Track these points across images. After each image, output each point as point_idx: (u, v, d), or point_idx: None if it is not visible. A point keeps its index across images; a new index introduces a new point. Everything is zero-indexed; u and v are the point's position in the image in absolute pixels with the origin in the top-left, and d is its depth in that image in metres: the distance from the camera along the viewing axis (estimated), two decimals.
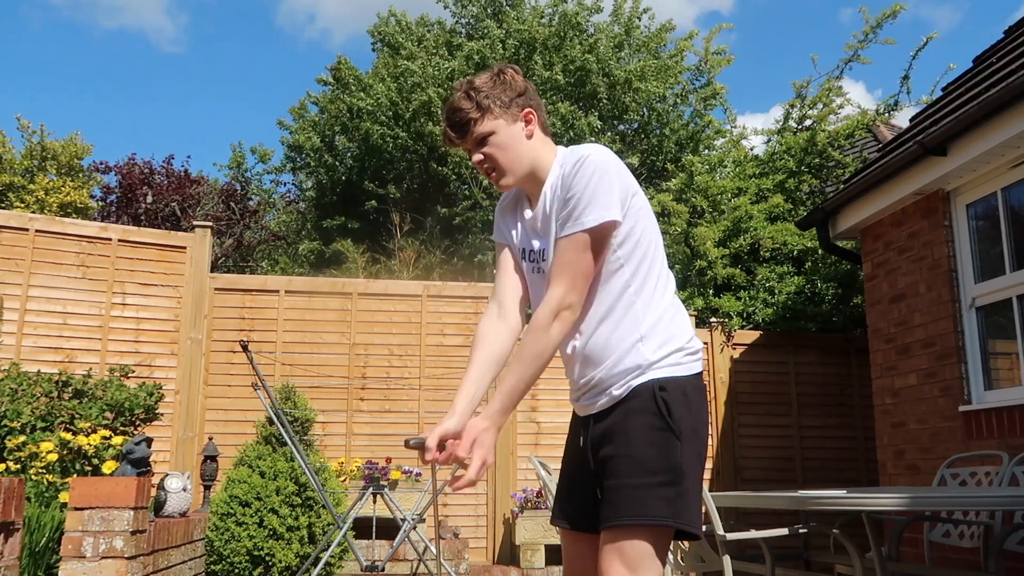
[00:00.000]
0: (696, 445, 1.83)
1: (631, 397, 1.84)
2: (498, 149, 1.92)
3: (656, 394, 1.81)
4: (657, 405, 1.80)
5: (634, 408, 1.83)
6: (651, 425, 1.79)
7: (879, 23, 9.76)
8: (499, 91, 1.92)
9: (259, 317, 7.00)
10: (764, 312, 8.37)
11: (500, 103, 1.92)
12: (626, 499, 1.76)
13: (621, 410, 1.85)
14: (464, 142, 1.95)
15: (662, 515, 1.74)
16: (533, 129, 1.95)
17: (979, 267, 5.18)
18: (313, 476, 5.29)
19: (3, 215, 6.49)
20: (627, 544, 1.74)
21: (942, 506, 3.40)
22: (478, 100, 1.90)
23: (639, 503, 1.75)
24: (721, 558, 3.32)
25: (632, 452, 1.79)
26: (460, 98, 1.93)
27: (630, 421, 1.82)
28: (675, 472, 1.77)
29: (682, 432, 1.80)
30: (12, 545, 2.98)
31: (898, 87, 10.44)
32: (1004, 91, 4.51)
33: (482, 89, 1.92)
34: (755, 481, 7.48)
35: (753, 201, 9.29)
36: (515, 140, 1.93)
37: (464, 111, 1.91)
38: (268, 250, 14.08)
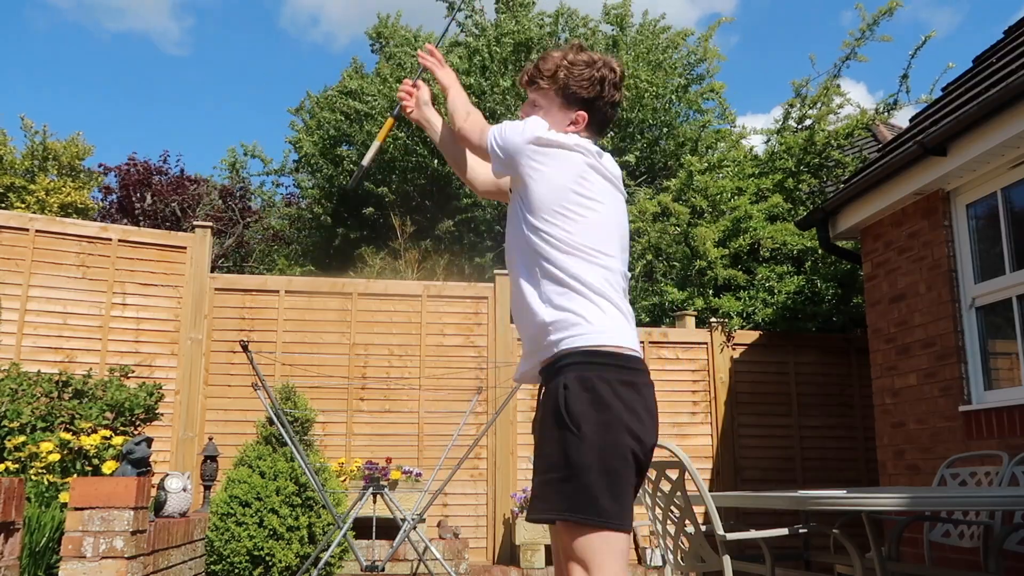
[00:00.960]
0: (593, 437, 1.82)
1: (546, 391, 1.95)
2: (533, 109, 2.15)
3: (559, 391, 1.87)
4: (558, 402, 1.86)
5: (545, 404, 1.93)
6: (551, 422, 1.87)
7: (876, 20, 9.77)
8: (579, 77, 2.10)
9: (259, 317, 7.00)
10: (764, 312, 8.37)
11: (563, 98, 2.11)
12: (535, 495, 1.89)
13: (540, 404, 1.98)
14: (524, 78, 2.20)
15: (557, 508, 1.82)
16: (576, 130, 2.12)
17: (979, 267, 5.18)
18: (313, 476, 5.29)
19: (3, 215, 6.50)
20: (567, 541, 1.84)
21: (942, 506, 3.40)
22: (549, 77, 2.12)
23: (541, 498, 1.86)
24: (721, 558, 3.32)
25: (539, 450, 1.91)
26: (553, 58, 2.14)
27: (541, 421, 1.93)
28: (572, 467, 1.81)
29: (581, 427, 1.82)
30: (12, 545, 2.99)
31: (897, 87, 10.43)
32: (1004, 91, 4.51)
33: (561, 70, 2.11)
34: (755, 481, 7.48)
35: (753, 201, 9.29)
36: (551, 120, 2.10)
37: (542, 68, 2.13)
38: (268, 250, 14.09)
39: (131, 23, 32.60)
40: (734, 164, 10.25)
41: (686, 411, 7.54)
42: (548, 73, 2.10)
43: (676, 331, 7.79)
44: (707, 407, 7.61)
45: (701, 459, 7.42)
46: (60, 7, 30.75)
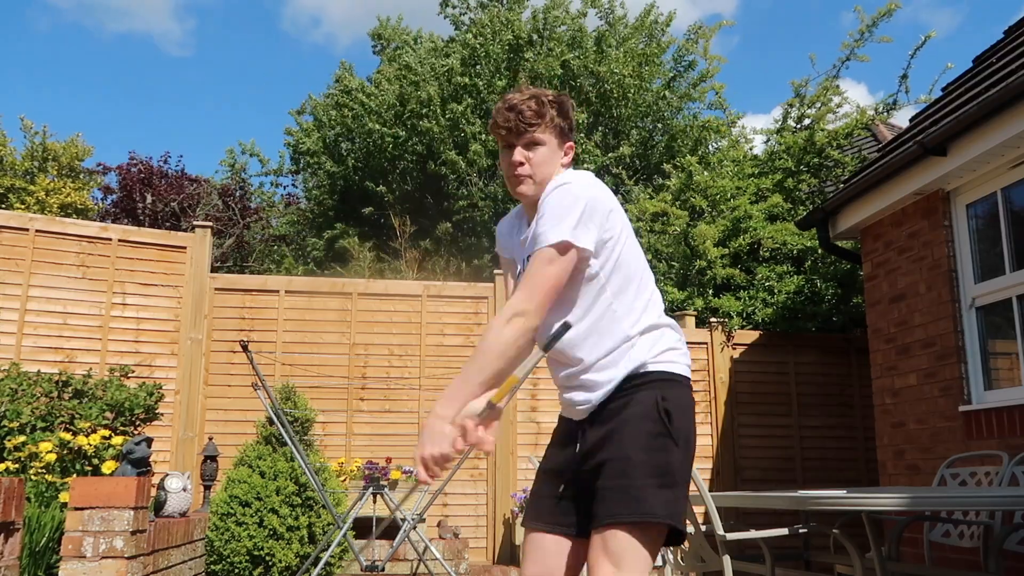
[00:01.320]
0: (689, 453, 1.94)
1: (631, 403, 1.92)
2: (539, 160, 2.01)
3: (658, 403, 1.90)
4: (659, 412, 1.89)
5: (635, 414, 1.90)
6: (651, 431, 1.88)
7: (875, 21, 9.77)
8: (562, 115, 2.04)
9: (259, 317, 7.00)
10: (764, 312, 8.37)
11: (559, 127, 2.04)
12: (626, 497, 1.83)
13: (621, 415, 1.92)
14: (511, 136, 2.01)
15: (660, 513, 1.82)
16: (568, 162, 2.08)
17: (979, 267, 5.18)
18: (313, 476, 5.29)
19: (3, 215, 6.49)
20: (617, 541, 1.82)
21: (942, 506, 3.40)
22: (548, 112, 2.01)
23: (637, 501, 1.82)
24: (721, 558, 3.32)
25: (633, 455, 1.86)
26: (531, 100, 2.01)
27: (632, 427, 1.89)
28: (672, 475, 1.86)
29: (680, 438, 1.90)
30: (12, 545, 2.99)
31: (897, 87, 10.43)
32: (1004, 91, 4.51)
33: (555, 104, 2.03)
34: (755, 481, 7.48)
35: (752, 201, 9.28)
36: (553, 160, 2.04)
37: (534, 112, 2.00)
38: (268, 250, 14.09)
39: (133, 24, 32.61)
40: (734, 164, 10.25)
41: None
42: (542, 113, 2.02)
43: None
44: (707, 407, 7.61)
45: (701, 459, 7.42)
46: (61, 7, 30.76)
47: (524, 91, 2.05)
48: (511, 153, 2.02)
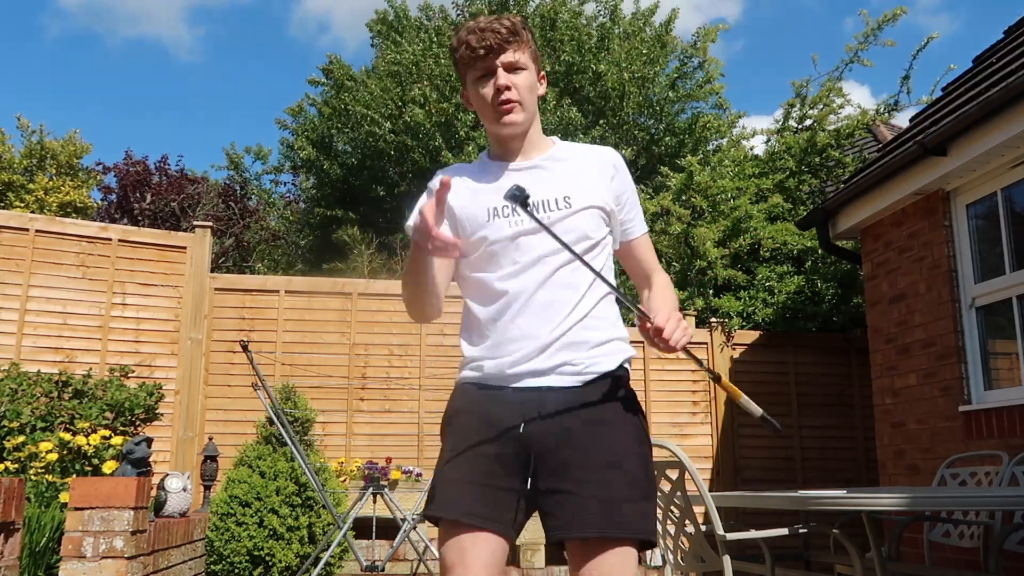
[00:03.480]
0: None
1: (611, 399, 1.75)
2: (524, 85, 1.83)
3: (636, 405, 1.79)
4: (639, 419, 1.78)
5: (613, 417, 1.74)
6: (632, 437, 1.74)
7: (880, 25, 9.78)
8: (533, 40, 1.90)
9: (259, 317, 7.00)
10: (764, 312, 8.37)
11: (534, 52, 1.88)
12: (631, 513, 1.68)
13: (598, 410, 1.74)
14: (491, 57, 1.80)
15: (653, 532, 1.71)
16: (543, 92, 1.93)
17: (979, 267, 5.18)
18: (313, 476, 5.29)
19: (3, 215, 6.50)
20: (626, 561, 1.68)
21: (942, 506, 3.40)
22: (523, 34, 1.84)
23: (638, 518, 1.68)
24: (721, 558, 3.32)
25: (625, 464, 1.71)
26: (503, 20, 1.83)
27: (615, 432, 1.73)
28: (654, 484, 1.78)
29: (651, 447, 1.81)
30: (12, 545, 2.99)
31: (898, 87, 10.43)
32: (1004, 91, 4.51)
33: (526, 29, 1.86)
34: (755, 481, 7.48)
35: (753, 201, 9.28)
36: (533, 87, 1.87)
37: (509, 30, 1.81)
38: (268, 250, 14.09)
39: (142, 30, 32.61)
40: (734, 164, 10.25)
41: (686, 411, 7.54)
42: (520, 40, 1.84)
43: None
44: (707, 407, 7.61)
45: (701, 459, 7.42)
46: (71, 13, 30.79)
47: (502, 16, 1.86)
48: (491, 80, 1.81)
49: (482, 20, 1.83)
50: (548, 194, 1.82)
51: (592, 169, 1.88)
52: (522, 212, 1.75)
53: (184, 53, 33.93)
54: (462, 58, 1.84)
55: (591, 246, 1.82)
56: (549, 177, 1.85)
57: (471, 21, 1.87)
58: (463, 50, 1.82)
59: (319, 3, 30.91)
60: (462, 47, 1.82)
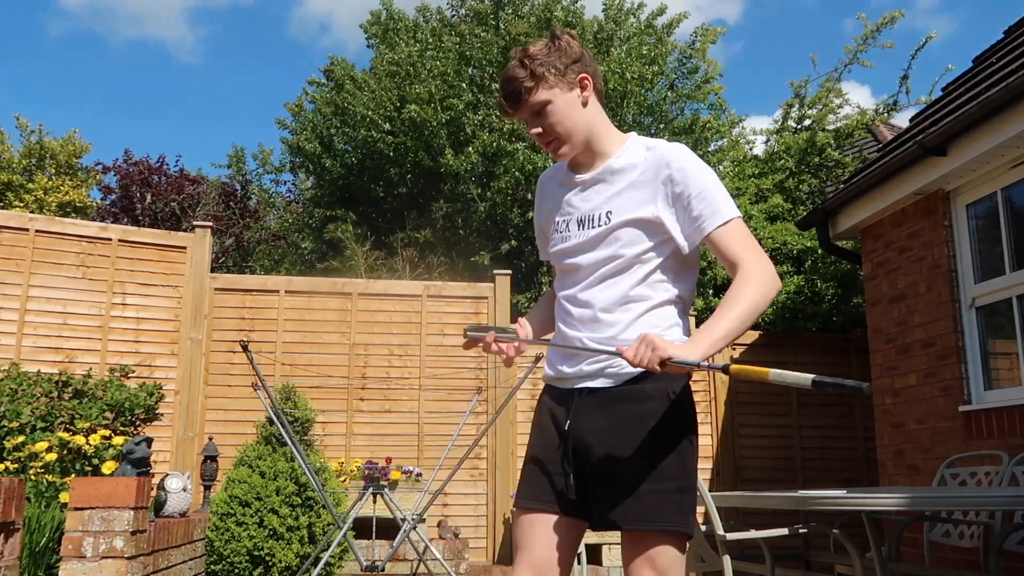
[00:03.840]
0: (696, 452, 1.86)
1: (645, 396, 1.81)
2: (555, 118, 1.87)
3: (668, 396, 1.81)
4: (675, 410, 1.80)
5: (650, 410, 1.80)
6: (670, 430, 1.79)
7: (878, 27, 9.78)
8: (554, 58, 1.87)
9: (259, 317, 7.00)
10: None
11: (555, 70, 1.86)
12: (659, 503, 1.75)
13: (631, 407, 1.81)
14: (519, 112, 1.89)
15: (677, 521, 1.76)
16: (588, 96, 1.90)
17: (979, 267, 5.18)
18: (313, 476, 5.29)
19: (3, 215, 6.50)
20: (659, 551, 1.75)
21: (942, 506, 3.40)
22: (532, 68, 1.85)
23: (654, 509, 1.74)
24: (721, 558, 3.32)
25: (655, 457, 1.77)
26: (514, 67, 1.87)
27: (647, 424, 1.79)
28: (687, 475, 1.79)
29: (692, 435, 1.82)
30: (12, 545, 2.98)
31: (897, 87, 10.44)
32: (1004, 91, 4.51)
33: (536, 57, 1.86)
34: (755, 481, 7.48)
35: (753, 201, 9.29)
36: (572, 108, 1.88)
37: (519, 80, 1.85)
38: (268, 250, 14.10)
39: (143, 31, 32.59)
40: (734, 164, 10.25)
41: None
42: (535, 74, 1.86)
43: None
44: (707, 407, 7.61)
45: (701, 459, 7.41)
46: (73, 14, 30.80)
47: (513, 55, 1.90)
48: (530, 126, 1.91)
49: (508, 68, 1.90)
50: (595, 209, 1.91)
51: (643, 178, 1.88)
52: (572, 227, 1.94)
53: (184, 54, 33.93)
54: (502, 112, 1.95)
55: (630, 260, 1.86)
56: (605, 189, 1.92)
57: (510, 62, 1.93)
58: (499, 106, 1.94)
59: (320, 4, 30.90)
60: (499, 102, 1.94)
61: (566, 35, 1.91)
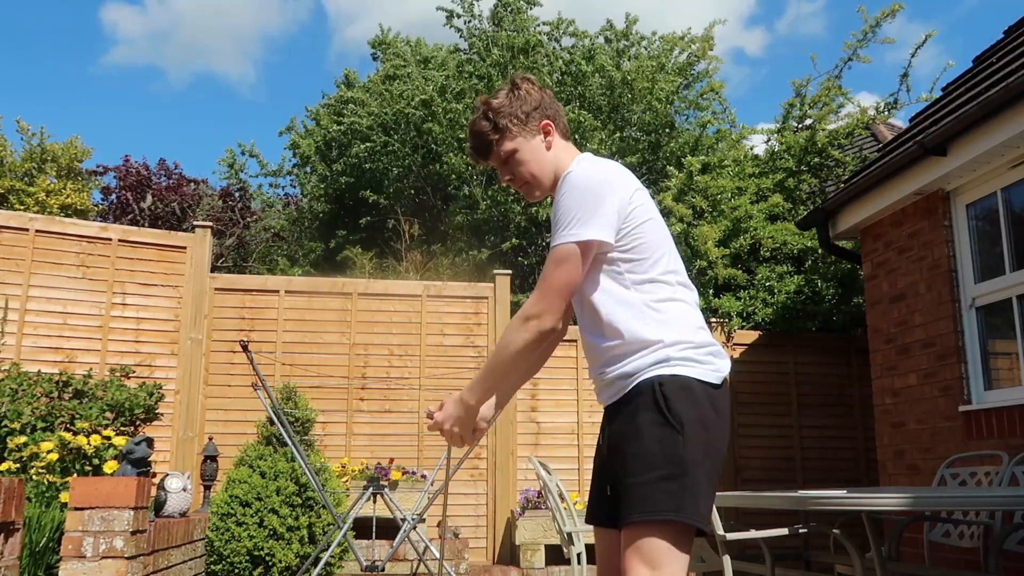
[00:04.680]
0: (704, 437, 1.81)
1: (634, 395, 1.85)
2: (523, 165, 2.01)
3: (656, 389, 1.82)
4: (655, 400, 1.81)
5: (638, 406, 1.84)
6: (651, 420, 1.80)
7: (877, 22, 9.76)
8: (516, 108, 1.99)
9: (259, 317, 7.01)
10: (764, 312, 8.37)
11: (517, 121, 1.99)
12: (633, 496, 1.78)
13: (627, 410, 1.87)
14: (489, 161, 2.05)
15: (664, 509, 1.74)
16: (552, 140, 2.02)
17: (979, 267, 5.18)
18: (313, 476, 5.29)
19: (3, 215, 6.50)
20: (643, 542, 1.76)
21: (942, 506, 3.40)
22: (496, 121, 1.99)
23: (642, 499, 1.76)
24: (721, 558, 3.32)
25: (635, 450, 1.81)
26: (479, 119, 2.02)
27: (635, 420, 1.84)
28: (677, 465, 1.77)
29: (684, 425, 1.79)
30: (12, 545, 2.98)
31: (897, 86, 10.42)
32: (1004, 91, 4.51)
33: (500, 110, 1.99)
34: (755, 481, 7.48)
35: (753, 201, 9.28)
36: (537, 153, 2.01)
37: (485, 134, 2.00)
38: (268, 250, 14.12)
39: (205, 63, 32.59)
40: (734, 164, 10.24)
41: None
42: (497, 127, 1.99)
43: None
44: None
45: None
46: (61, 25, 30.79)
47: (477, 106, 2.05)
48: (502, 174, 2.06)
49: (471, 123, 2.04)
50: None
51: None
52: None
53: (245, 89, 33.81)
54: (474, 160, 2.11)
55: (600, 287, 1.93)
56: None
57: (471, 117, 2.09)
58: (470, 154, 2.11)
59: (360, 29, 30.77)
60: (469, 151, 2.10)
61: (525, 83, 2.04)
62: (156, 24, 31.86)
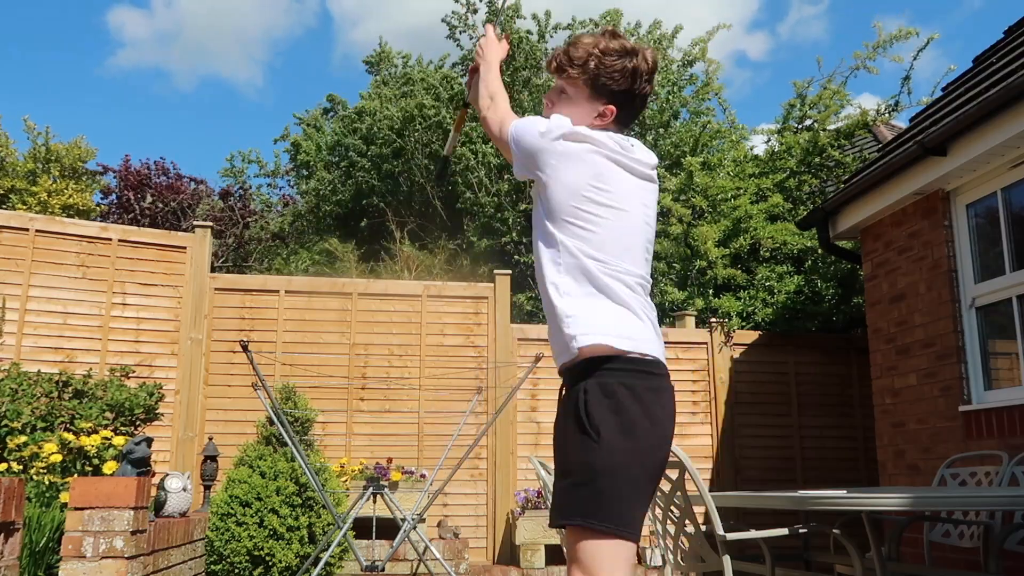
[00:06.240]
0: (626, 443, 1.77)
1: (567, 394, 1.90)
2: (561, 109, 2.03)
3: (579, 396, 1.81)
4: (577, 407, 1.81)
5: (565, 407, 1.88)
6: (572, 427, 1.82)
7: (890, 40, 9.77)
8: (603, 70, 1.98)
9: (259, 317, 7.01)
10: (764, 312, 8.37)
11: (594, 81, 1.99)
12: (553, 500, 1.84)
13: (561, 406, 1.92)
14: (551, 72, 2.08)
15: (571, 514, 1.77)
16: (604, 123, 2.02)
17: (979, 267, 5.18)
18: (313, 476, 5.29)
19: (3, 215, 6.50)
20: (573, 545, 1.79)
21: (942, 506, 3.40)
22: (583, 63, 1.99)
23: (557, 504, 1.81)
24: (721, 558, 3.32)
25: (558, 456, 1.86)
26: (570, 47, 2.03)
27: (561, 422, 1.89)
28: (588, 472, 1.76)
29: (600, 432, 1.76)
30: (12, 545, 2.98)
31: (899, 87, 10.42)
32: (1004, 91, 4.51)
33: (592, 58, 1.98)
34: (755, 481, 7.48)
35: (753, 201, 9.29)
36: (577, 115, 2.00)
37: (565, 59, 2.02)
38: (267, 250, 14.13)
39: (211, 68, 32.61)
40: (734, 164, 10.25)
41: (686, 411, 7.54)
42: (579, 61, 1.98)
43: (676, 331, 7.79)
44: (707, 407, 7.61)
45: (701, 459, 7.42)
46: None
47: (591, 38, 2.02)
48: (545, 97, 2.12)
49: (580, 39, 2.04)
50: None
51: None
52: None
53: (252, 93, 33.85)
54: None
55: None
56: None
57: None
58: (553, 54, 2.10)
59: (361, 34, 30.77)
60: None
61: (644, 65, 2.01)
62: (162, 27, 31.87)
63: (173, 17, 31.85)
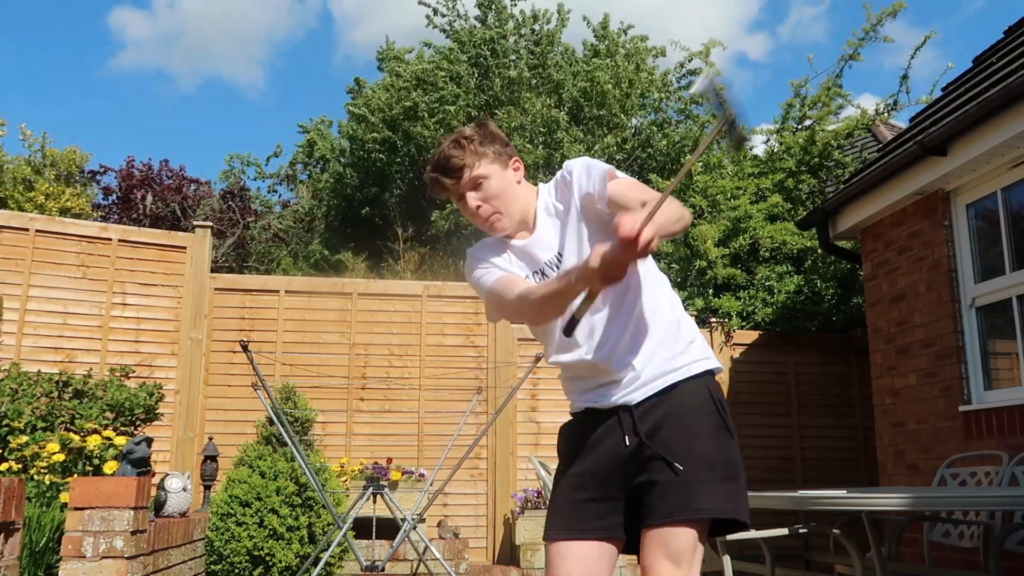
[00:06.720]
0: (737, 442, 1.96)
1: (678, 393, 1.90)
2: (494, 193, 2.00)
3: (711, 392, 1.92)
4: (714, 403, 1.91)
5: (688, 405, 1.89)
6: (711, 423, 1.89)
7: (880, 19, 9.76)
8: (488, 140, 2.02)
9: (259, 317, 7.00)
10: (764, 312, 8.37)
11: (493, 150, 2.02)
12: (694, 493, 1.82)
13: (670, 406, 1.89)
14: (457, 186, 2.00)
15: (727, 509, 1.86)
16: (521, 177, 2.06)
17: (979, 267, 5.18)
18: (313, 476, 5.29)
19: (3, 215, 6.50)
20: (690, 540, 1.83)
21: (942, 506, 3.40)
22: (470, 148, 1.99)
23: (705, 496, 1.83)
24: (721, 558, 3.32)
25: (696, 448, 1.85)
26: (451, 147, 2.01)
27: (687, 419, 1.88)
28: (734, 467, 1.89)
29: (732, 429, 1.93)
30: (12, 545, 2.98)
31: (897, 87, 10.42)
32: (1004, 91, 4.51)
33: (474, 138, 2.01)
34: (755, 481, 7.45)
35: (752, 201, 9.28)
36: (509, 185, 2.02)
37: (458, 157, 1.99)
38: (268, 250, 14.13)
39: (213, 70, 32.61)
40: (734, 164, 10.24)
41: None
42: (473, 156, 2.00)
43: None
44: None
45: None
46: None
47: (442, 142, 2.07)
48: (465, 203, 2.02)
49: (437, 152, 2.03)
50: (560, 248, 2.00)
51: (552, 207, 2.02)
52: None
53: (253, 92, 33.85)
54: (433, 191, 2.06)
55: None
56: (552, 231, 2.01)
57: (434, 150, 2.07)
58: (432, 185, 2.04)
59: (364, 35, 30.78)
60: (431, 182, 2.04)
61: (491, 122, 2.10)
62: (164, 28, 31.87)
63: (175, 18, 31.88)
